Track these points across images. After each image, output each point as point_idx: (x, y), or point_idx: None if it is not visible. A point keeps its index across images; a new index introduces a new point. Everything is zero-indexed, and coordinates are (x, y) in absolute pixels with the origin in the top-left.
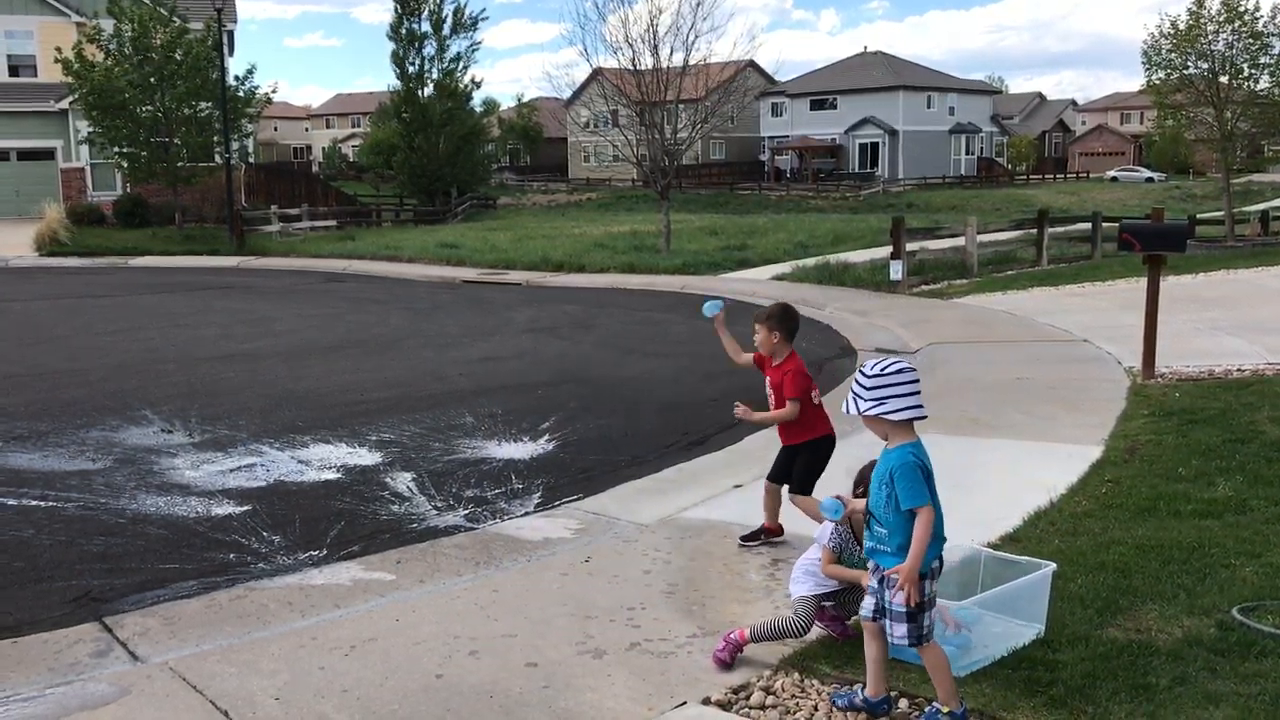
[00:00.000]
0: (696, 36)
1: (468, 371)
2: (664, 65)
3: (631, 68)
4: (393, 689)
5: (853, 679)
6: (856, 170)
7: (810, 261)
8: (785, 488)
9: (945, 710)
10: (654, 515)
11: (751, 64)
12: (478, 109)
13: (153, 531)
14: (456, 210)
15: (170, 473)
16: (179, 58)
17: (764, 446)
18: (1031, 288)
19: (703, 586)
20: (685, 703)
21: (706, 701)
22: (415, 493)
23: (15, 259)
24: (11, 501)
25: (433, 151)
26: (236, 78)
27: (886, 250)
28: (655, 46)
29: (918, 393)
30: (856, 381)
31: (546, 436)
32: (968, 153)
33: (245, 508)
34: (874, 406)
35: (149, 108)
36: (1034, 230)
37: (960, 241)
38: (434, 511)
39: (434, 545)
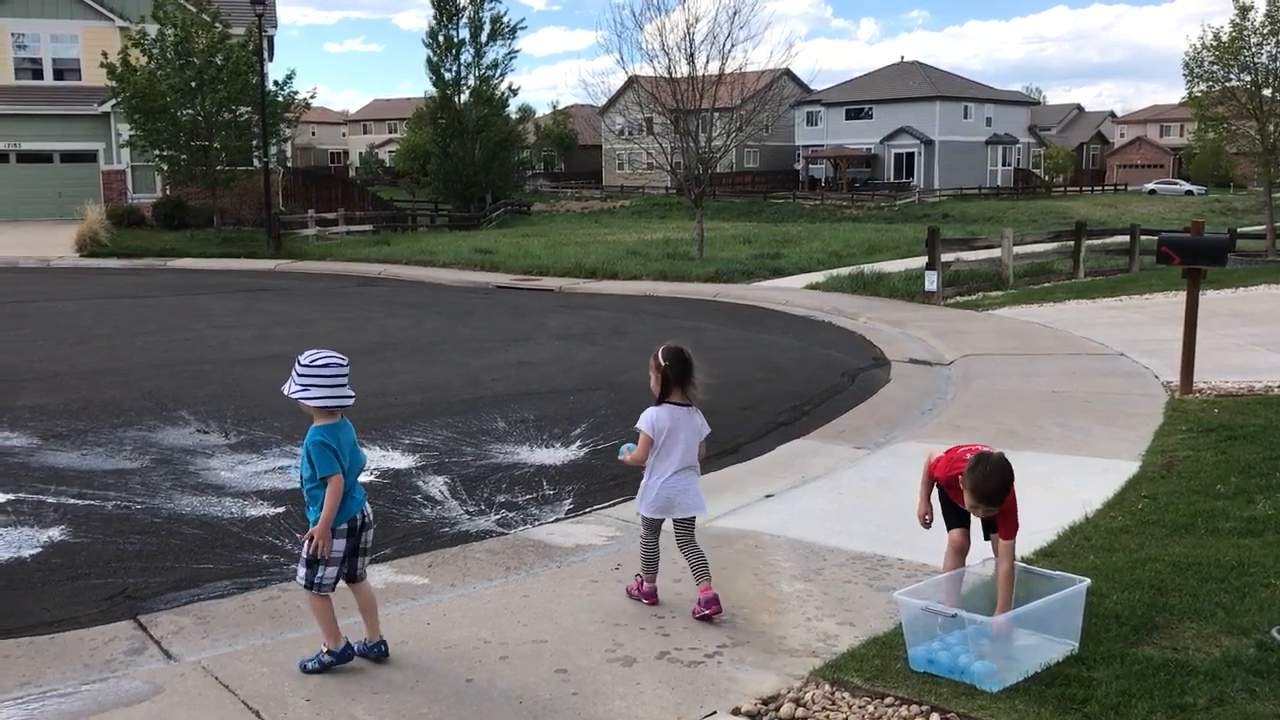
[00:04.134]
0: (733, 45)
1: (500, 376)
2: (699, 73)
3: (667, 75)
4: (423, 692)
5: (884, 692)
6: (892, 180)
7: (844, 271)
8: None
9: (325, 650)
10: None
11: (787, 73)
12: (513, 116)
13: (188, 531)
14: (491, 216)
15: (206, 473)
16: (220, 62)
17: (797, 455)
18: (1068, 300)
19: (732, 596)
20: (715, 712)
21: (736, 712)
22: (447, 496)
23: (57, 259)
24: (51, 500)
25: (468, 157)
26: (275, 83)
27: (921, 260)
28: (691, 54)
29: (342, 384)
30: (295, 369)
31: (578, 443)
32: (1004, 163)
33: (279, 509)
34: (300, 392)
35: (189, 111)
36: (1071, 242)
37: (996, 253)
38: (466, 516)
39: (465, 549)
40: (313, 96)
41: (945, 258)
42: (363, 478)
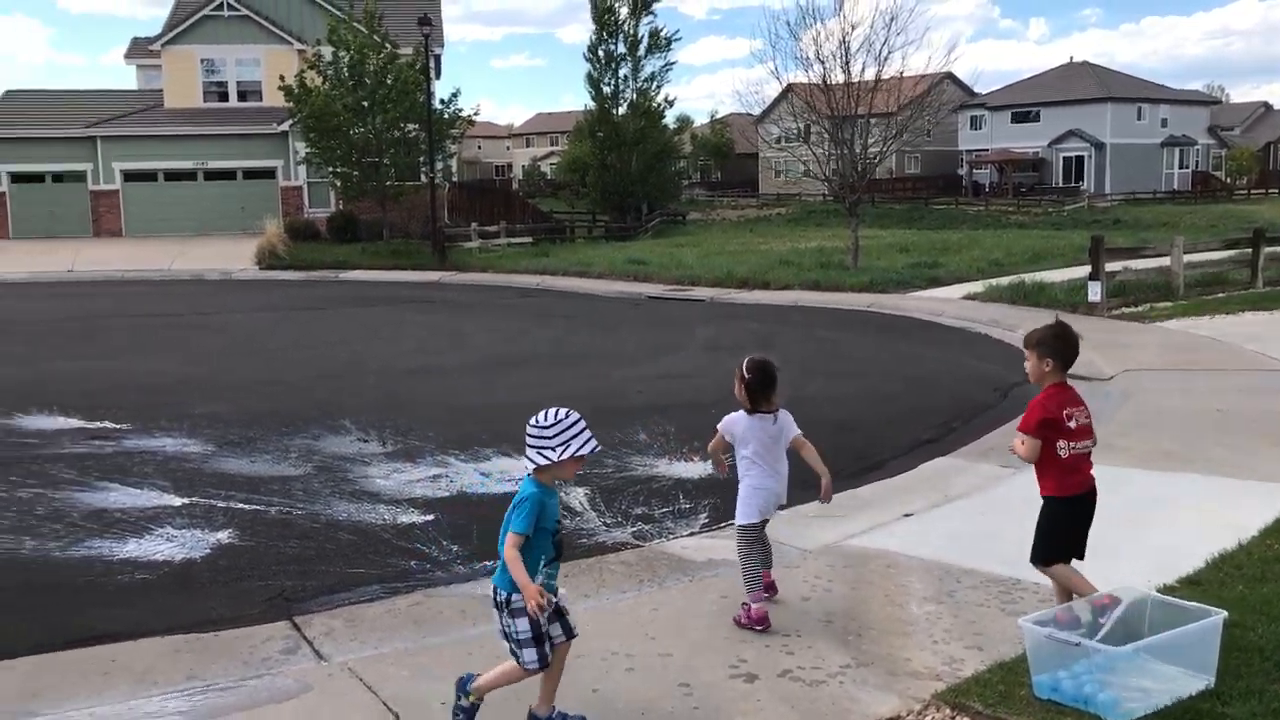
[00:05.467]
0: (890, 51)
1: (645, 388)
2: (855, 80)
3: (822, 84)
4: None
5: (1004, 718)
6: (1060, 185)
7: (1004, 281)
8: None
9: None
10: (819, 541)
11: (949, 76)
12: (670, 126)
13: (343, 537)
14: (647, 226)
15: (363, 481)
16: (389, 82)
17: (940, 473)
18: (1242, 312)
19: (861, 617)
20: None
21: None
22: (586, 508)
23: (238, 271)
24: (220, 504)
25: (625, 169)
26: (441, 101)
27: (1087, 269)
28: (846, 62)
29: (549, 443)
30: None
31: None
32: (1181, 166)
33: (428, 517)
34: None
35: (360, 129)
36: (1248, 250)
37: (1165, 261)
38: (603, 527)
39: (601, 561)
40: (476, 113)
41: (1110, 267)
42: (509, 488)
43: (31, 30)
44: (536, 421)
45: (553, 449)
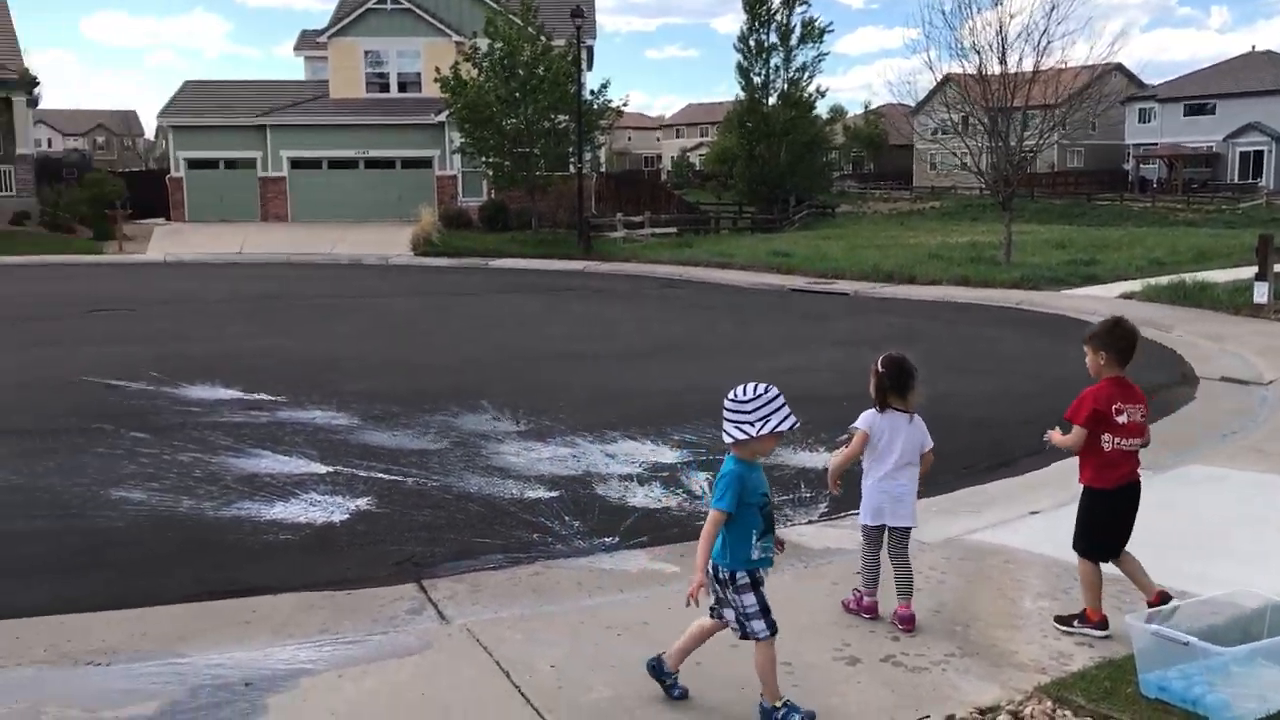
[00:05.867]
0: (1049, 41)
1: (778, 380)
2: (1011, 71)
3: (978, 74)
4: None
5: (1107, 714)
6: (1235, 181)
7: (1163, 280)
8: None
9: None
10: (940, 534)
11: (1118, 67)
12: (821, 117)
13: (472, 508)
14: (794, 218)
15: (494, 457)
16: (541, 73)
17: (1073, 473)
18: None
19: (971, 608)
20: (928, 717)
21: (950, 718)
22: (707, 492)
23: (395, 257)
24: (362, 473)
25: (773, 160)
26: (591, 91)
27: (1254, 270)
28: (1003, 53)
29: (747, 418)
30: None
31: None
32: None
33: (554, 493)
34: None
35: (513, 120)
36: None
37: None
38: None
39: None
40: (625, 104)
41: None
42: (632, 469)
43: (211, 25)
44: (735, 396)
45: (751, 424)
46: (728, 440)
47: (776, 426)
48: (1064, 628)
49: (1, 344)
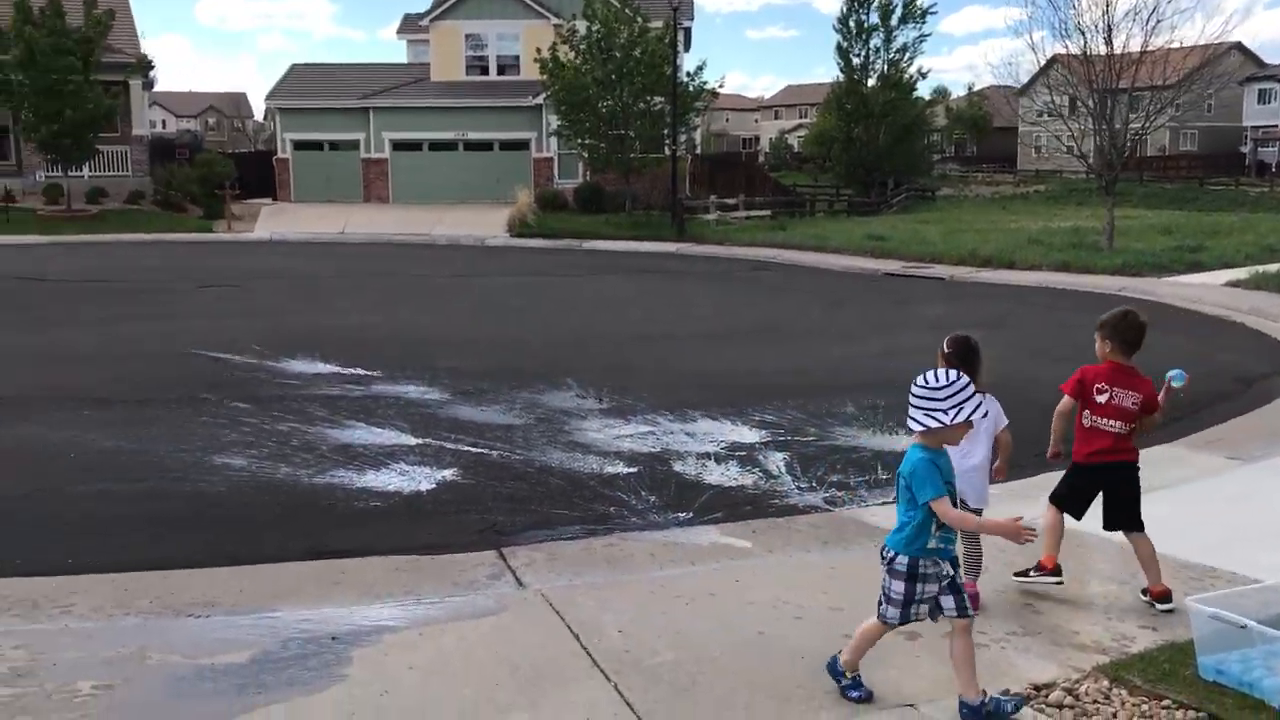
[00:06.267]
0: (1158, 20)
1: (862, 365)
2: (1118, 52)
3: (1082, 55)
4: (718, 639)
5: (1162, 694)
6: None
7: (1273, 267)
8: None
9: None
10: (1010, 516)
11: (1236, 46)
12: (923, 99)
13: (553, 481)
14: (892, 201)
15: (576, 433)
16: (638, 55)
17: (1155, 461)
18: None
19: (1037, 590)
20: (983, 690)
21: (1004, 693)
22: (782, 471)
23: (490, 238)
24: (450, 445)
25: (872, 142)
26: (687, 74)
27: None
28: (1109, 33)
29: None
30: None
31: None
32: None
33: (632, 469)
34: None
35: (608, 102)
36: None
37: None
38: (796, 490)
39: (790, 521)
40: (720, 86)
41: None
42: (710, 448)
43: (319, 7)
44: (925, 383)
45: (944, 411)
46: (917, 428)
47: (969, 415)
48: (1021, 579)
49: (117, 317)
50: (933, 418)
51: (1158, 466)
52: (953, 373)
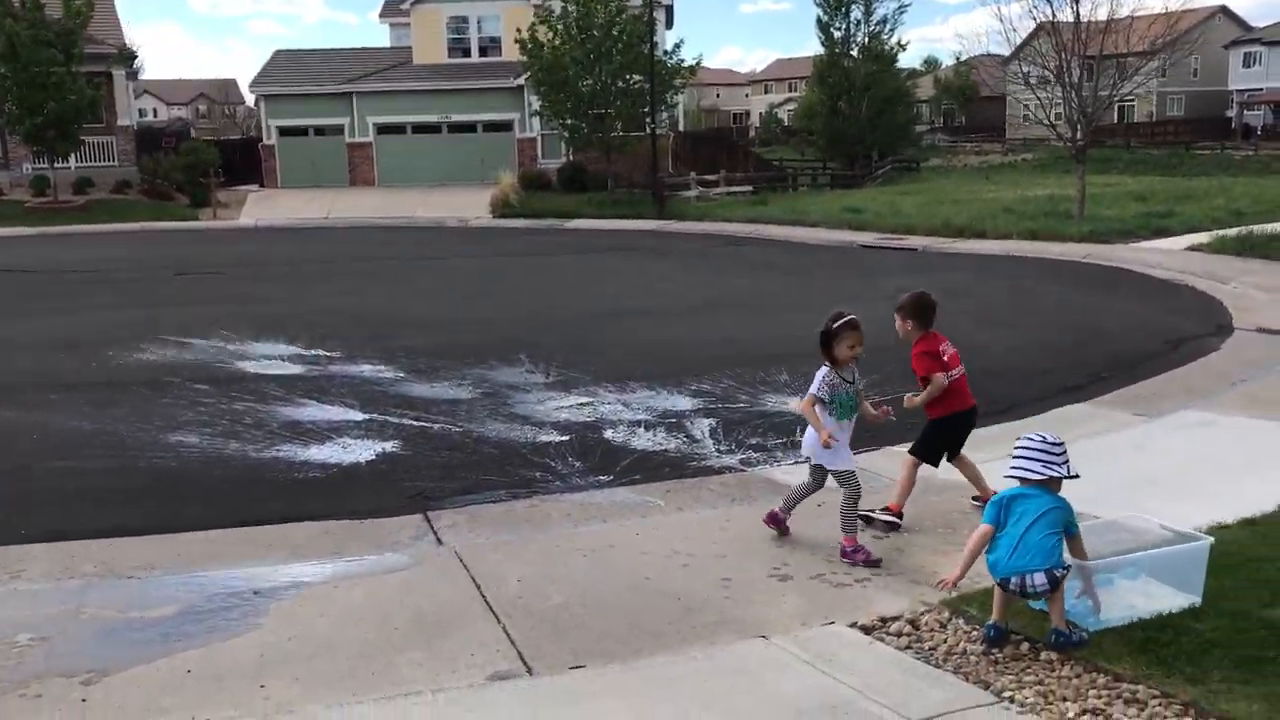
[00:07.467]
0: None
1: (808, 334)
2: (1084, 19)
3: (1049, 23)
4: (607, 585)
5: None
6: None
7: (1232, 231)
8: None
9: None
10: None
11: (1221, 9)
12: (904, 70)
13: (486, 450)
14: (875, 174)
15: (518, 405)
16: (615, 34)
17: (1066, 418)
18: None
19: (912, 538)
20: (833, 623)
21: (853, 625)
22: (706, 436)
23: (474, 219)
24: (394, 420)
25: (854, 115)
26: (665, 52)
27: None
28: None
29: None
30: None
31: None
32: None
33: (564, 438)
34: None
35: (588, 82)
36: None
37: None
38: (716, 454)
39: (703, 481)
40: (698, 63)
41: None
42: (641, 416)
43: None
44: (1046, 439)
45: (1060, 465)
46: (1034, 477)
47: (1070, 474)
48: (865, 523)
49: (92, 304)
50: (1052, 468)
51: (1072, 422)
52: (1057, 435)
